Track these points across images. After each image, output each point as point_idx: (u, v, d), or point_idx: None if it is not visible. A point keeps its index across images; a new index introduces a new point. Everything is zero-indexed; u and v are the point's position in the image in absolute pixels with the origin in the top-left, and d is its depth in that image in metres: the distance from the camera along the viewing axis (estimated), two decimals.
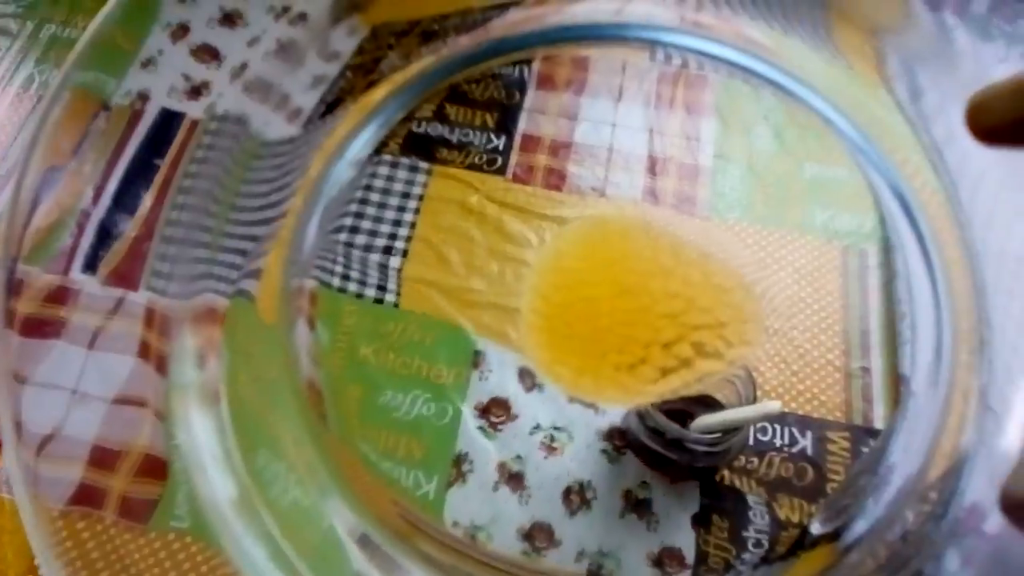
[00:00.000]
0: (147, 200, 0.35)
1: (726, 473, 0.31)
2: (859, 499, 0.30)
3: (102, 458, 0.29)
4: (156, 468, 0.30)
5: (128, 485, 0.29)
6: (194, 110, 0.36)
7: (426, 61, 0.39)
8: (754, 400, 0.28)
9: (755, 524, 0.30)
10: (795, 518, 0.30)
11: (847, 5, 0.37)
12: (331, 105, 0.38)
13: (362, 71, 0.38)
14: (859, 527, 0.30)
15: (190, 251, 0.34)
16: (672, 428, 0.28)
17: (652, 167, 0.37)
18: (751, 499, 0.30)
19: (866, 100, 0.36)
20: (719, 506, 0.30)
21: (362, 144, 0.38)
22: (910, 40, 0.34)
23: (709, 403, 0.30)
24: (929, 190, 0.34)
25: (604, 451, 0.31)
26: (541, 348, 0.32)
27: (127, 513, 0.29)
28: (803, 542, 0.30)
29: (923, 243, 0.34)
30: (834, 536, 0.30)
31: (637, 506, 0.30)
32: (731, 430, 0.28)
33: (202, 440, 0.31)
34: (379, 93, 0.38)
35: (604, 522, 0.30)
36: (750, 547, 0.29)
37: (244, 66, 0.36)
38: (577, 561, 0.30)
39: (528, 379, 0.33)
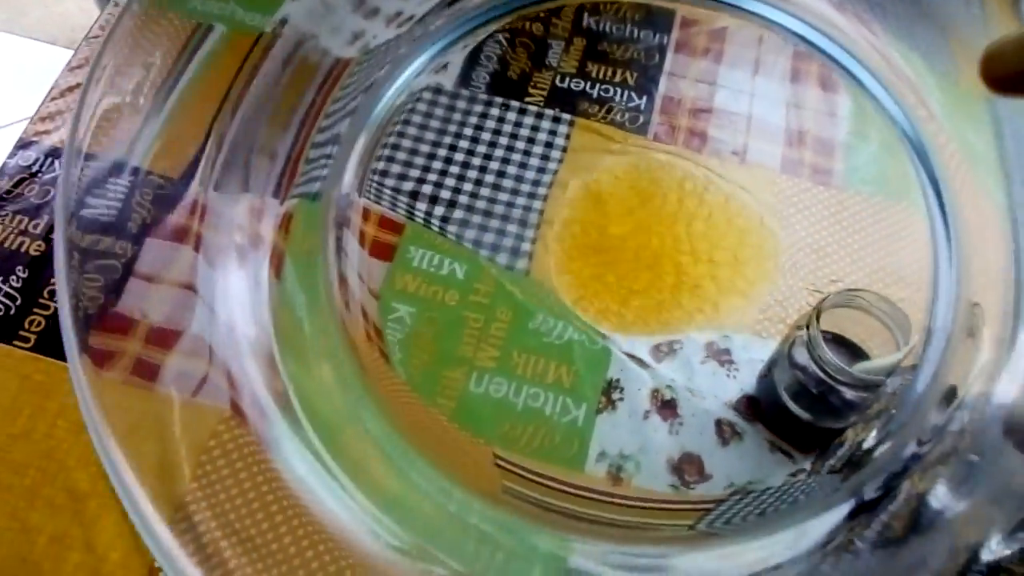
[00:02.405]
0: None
1: None
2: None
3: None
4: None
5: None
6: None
7: None
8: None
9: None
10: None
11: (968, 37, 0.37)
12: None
13: None
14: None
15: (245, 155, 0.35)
16: (837, 367, 0.29)
17: (790, 139, 0.38)
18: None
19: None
20: None
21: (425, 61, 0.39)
22: None
23: (853, 350, 0.31)
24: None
25: (718, 423, 0.32)
26: (569, 285, 0.34)
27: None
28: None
29: None
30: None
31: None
32: (874, 385, 0.29)
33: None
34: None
35: (756, 454, 0.31)
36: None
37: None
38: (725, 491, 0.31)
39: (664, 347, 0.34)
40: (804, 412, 0.31)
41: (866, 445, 0.31)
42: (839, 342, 0.31)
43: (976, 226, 0.34)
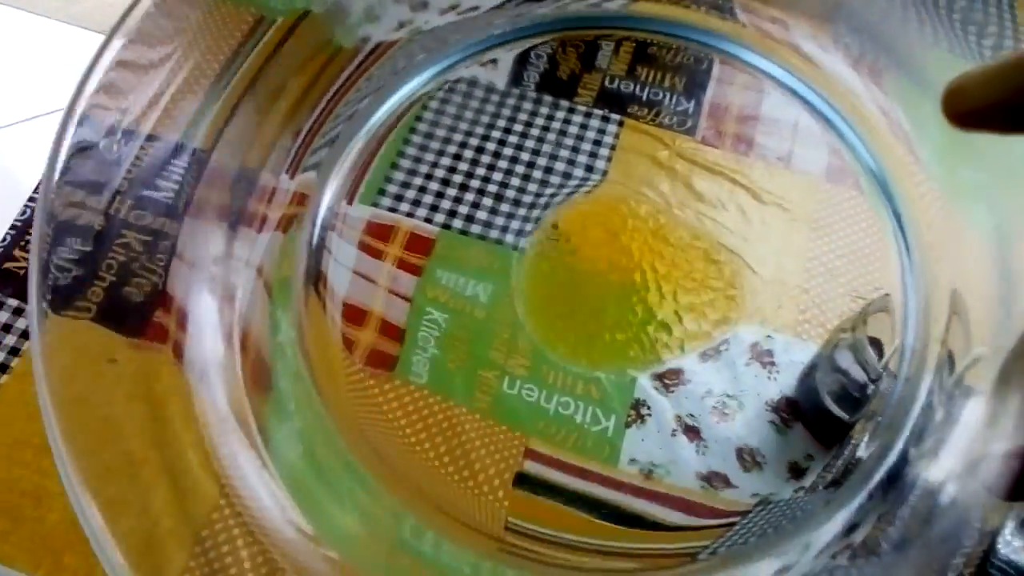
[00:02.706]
0: None
1: None
2: None
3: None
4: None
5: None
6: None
7: None
8: None
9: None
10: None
11: None
12: None
13: None
14: None
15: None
16: (877, 367, 0.29)
17: (834, 147, 0.38)
18: None
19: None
20: None
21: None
22: None
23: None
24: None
25: (772, 422, 0.33)
26: (540, 325, 0.34)
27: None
28: None
29: None
30: None
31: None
32: None
33: None
34: None
35: (775, 480, 0.31)
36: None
37: None
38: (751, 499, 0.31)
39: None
40: (846, 414, 0.31)
41: (858, 454, 0.32)
42: (878, 346, 0.32)
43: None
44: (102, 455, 0.27)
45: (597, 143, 0.38)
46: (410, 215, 0.37)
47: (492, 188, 0.37)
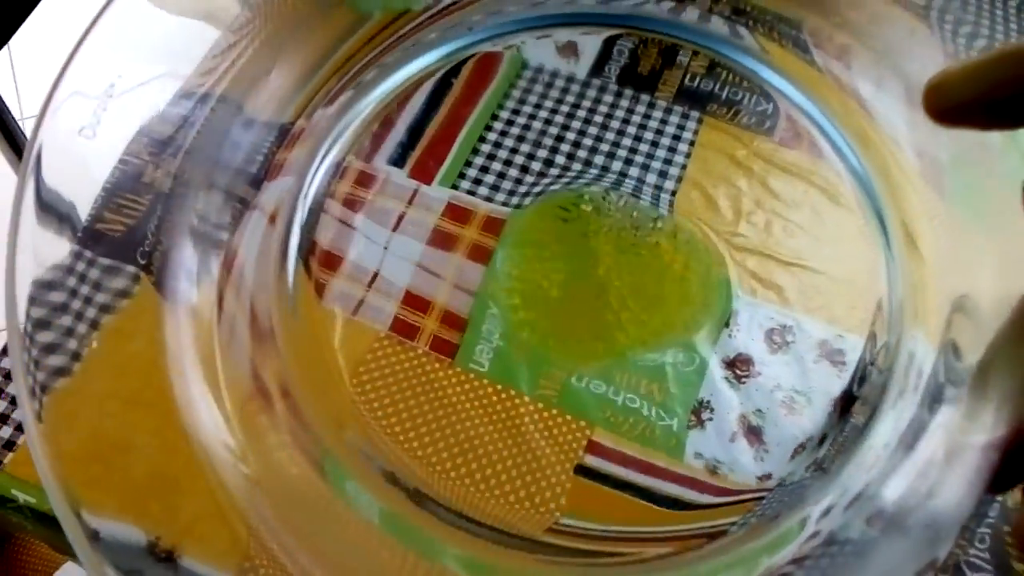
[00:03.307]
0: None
1: None
2: None
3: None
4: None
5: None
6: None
7: None
8: None
9: None
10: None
11: None
12: None
13: None
14: None
15: None
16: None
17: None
18: None
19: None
20: None
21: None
22: None
23: None
24: None
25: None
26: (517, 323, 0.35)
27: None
28: None
29: None
30: None
31: None
32: None
33: None
34: None
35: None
36: None
37: None
38: None
39: (777, 337, 0.35)
40: None
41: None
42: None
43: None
44: None
45: (676, 138, 0.39)
46: (489, 199, 0.38)
47: (567, 177, 0.38)
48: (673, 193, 0.37)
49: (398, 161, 0.38)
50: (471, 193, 0.38)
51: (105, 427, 0.33)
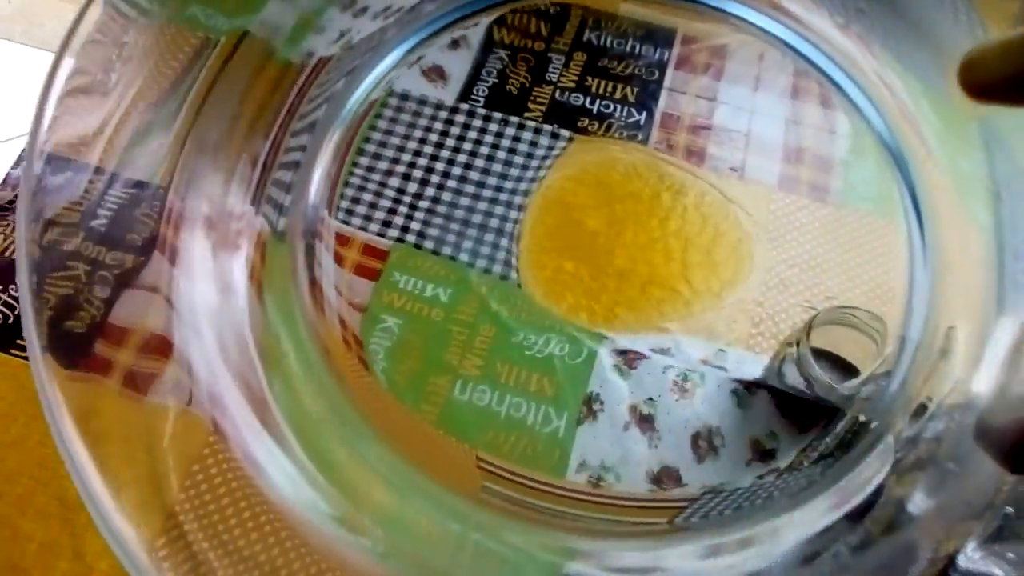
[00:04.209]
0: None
1: None
2: None
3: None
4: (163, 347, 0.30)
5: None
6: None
7: None
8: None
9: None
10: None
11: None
12: None
13: None
14: None
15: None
16: (825, 382, 0.29)
17: (788, 155, 0.38)
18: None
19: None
20: None
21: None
22: None
23: (844, 366, 0.31)
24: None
25: (735, 392, 0.32)
26: (539, 282, 0.34)
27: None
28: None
29: None
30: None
31: (763, 456, 0.31)
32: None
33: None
34: None
35: (731, 468, 0.31)
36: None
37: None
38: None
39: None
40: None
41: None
42: (832, 359, 0.31)
43: (957, 248, 0.34)
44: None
45: (545, 159, 0.37)
46: (363, 229, 0.36)
47: (441, 207, 0.37)
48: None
49: (253, 199, 0.36)
50: (345, 223, 0.36)
51: None
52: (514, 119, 0.39)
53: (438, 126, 0.39)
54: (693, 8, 0.41)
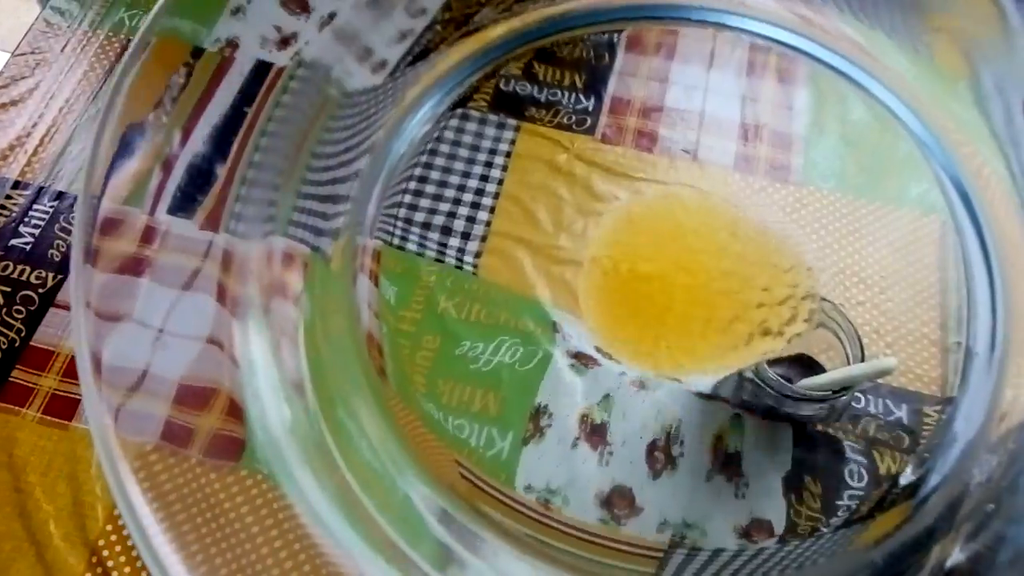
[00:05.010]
0: (234, 146, 0.35)
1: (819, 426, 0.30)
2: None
3: (187, 397, 0.29)
4: (238, 410, 0.29)
5: (215, 424, 0.29)
6: (282, 60, 0.36)
7: (514, 22, 0.39)
8: (862, 359, 0.27)
9: (850, 484, 0.29)
10: (893, 468, 0.29)
11: (943, 18, 0.36)
12: (417, 57, 0.37)
13: (453, 24, 0.38)
14: (932, 481, 0.29)
15: (269, 194, 0.34)
16: (779, 383, 0.27)
17: (745, 134, 0.36)
18: (848, 446, 0.29)
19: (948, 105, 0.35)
20: (812, 459, 0.29)
21: (440, 99, 0.37)
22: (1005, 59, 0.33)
23: (808, 364, 0.29)
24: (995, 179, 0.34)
25: (650, 449, 0.30)
26: (602, 325, 0.32)
27: (213, 452, 0.28)
28: (884, 501, 0.29)
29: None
30: (911, 492, 0.29)
31: (726, 463, 0.29)
32: (840, 389, 0.27)
33: (275, 387, 0.31)
34: (466, 48, 0.38)
35: (690, 486, 0.29)
36: (838, 513, 0.29)
37: (332, 16, 0.36)
38: (660, 532, 0.29)
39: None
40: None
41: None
42: (798, 359, 0.30)
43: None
44: None
45: (492, 152, 0.36)
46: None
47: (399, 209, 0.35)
48: (491, 210, 0.35)
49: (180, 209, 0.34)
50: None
51: None
52: (458, 110, 0.37)
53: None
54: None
